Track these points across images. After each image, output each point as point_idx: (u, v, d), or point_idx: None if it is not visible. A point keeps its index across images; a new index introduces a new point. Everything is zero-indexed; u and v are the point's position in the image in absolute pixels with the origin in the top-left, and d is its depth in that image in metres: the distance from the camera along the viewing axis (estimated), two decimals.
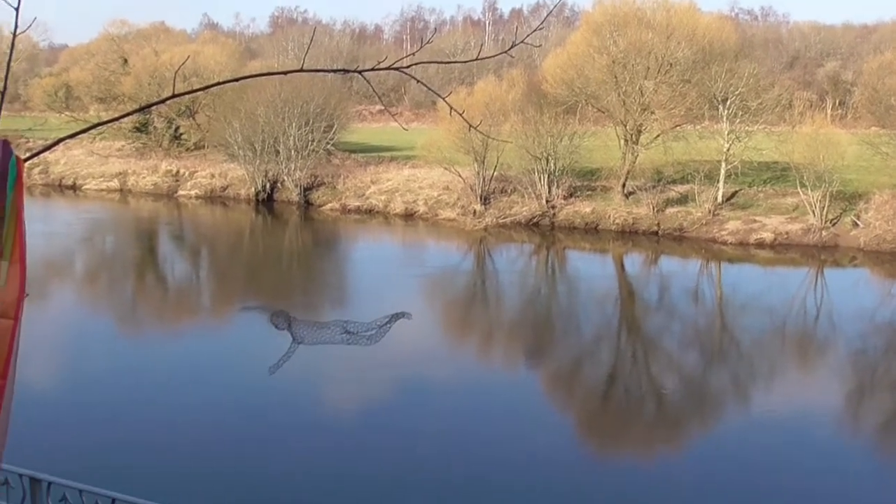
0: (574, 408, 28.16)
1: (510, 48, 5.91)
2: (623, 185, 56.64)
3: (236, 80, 7.01)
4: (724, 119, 55.58)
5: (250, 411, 24.98)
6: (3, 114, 5.37)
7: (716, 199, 53.80)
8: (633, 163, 56.98)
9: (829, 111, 70.50)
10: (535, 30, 7.65)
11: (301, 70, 5.98)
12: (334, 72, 7.70)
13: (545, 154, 56.77)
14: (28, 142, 74.66)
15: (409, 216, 60.41)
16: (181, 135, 79.83)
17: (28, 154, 5.20)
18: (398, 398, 26.85)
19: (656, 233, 53.40)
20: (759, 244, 50.12)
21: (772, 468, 21.76)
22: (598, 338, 35.42)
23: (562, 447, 23.42)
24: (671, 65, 57.17)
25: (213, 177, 70.45)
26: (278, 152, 65.13)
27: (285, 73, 6.18)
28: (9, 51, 5.50)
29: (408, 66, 5.30)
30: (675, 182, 56.22)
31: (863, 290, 44.00)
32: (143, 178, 73.58)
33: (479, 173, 57.86)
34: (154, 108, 74.77)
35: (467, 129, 48.64)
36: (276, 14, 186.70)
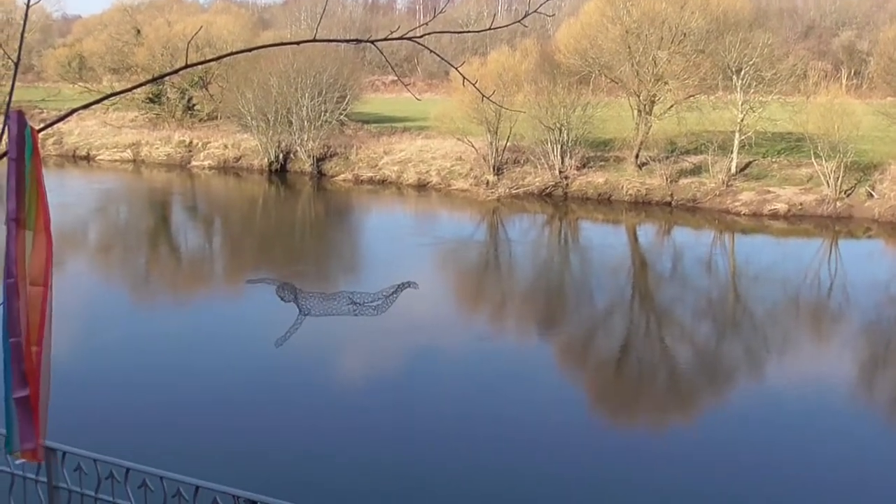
0: (586, 378, 28.19)
1: (523, 18, 5.91)
2: (636, 156, 56.52)
3: (249, 51, 7.04)
4: (738, 89, 55.35)
5: (258, 381, 25.07)
6: (17, 84, 5.40)
7: (729, 169, 53.65)
8: (647, 133, 56.83)
9: (844, 81, 70.35)
10: None
11: (314, 40, 5.99)
12: (347, 42, 7.70)
13: (558, 124, 56.64)
14: (42, 112, 74.68)
15: (421, 187, 60.38)
16: (194, 105, 79.80)
17: (42, 125, 5.24)
18: (410, 368, 26.92)
19: (669, 203, 53.31)
20: (773, 215, 50.02)
21: (785, 438, 21.80)
22: (610, 308, 35.43)
23: (574, 417, 23.46)
24: (685, 35, 56.92)
25: (226, 147, 70.45)
26: (291, 123, 65.10)
27: (298, 43, 6.18)
28: (22, 22, 5.50)
29: (421, 36, 5.31)
30: (688, 153, 56.06)
31: (877, 261, 43.95)
32: (157, 148, 73.60)
33: (491, 144, 57.77)
34: (167, 78, 74.64)
35: (480, 100, 48.57)
36: None
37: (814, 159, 50.59)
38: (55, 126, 54.05)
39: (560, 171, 56.72)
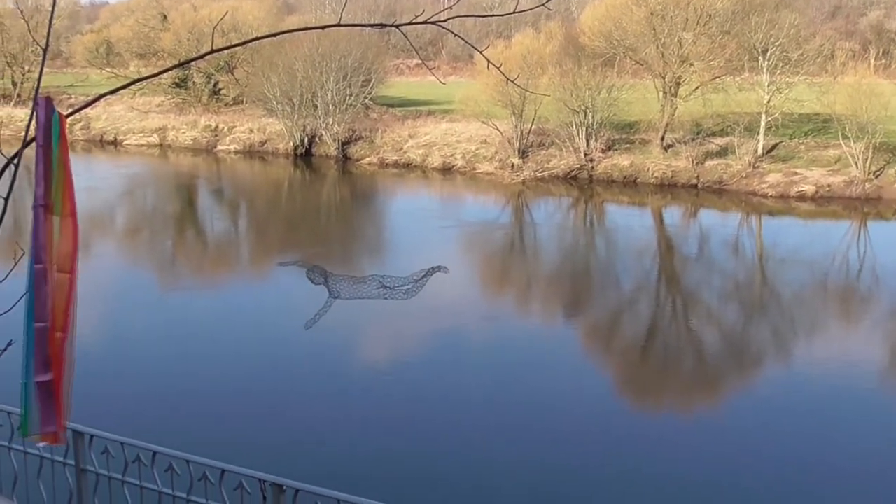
0: (612, 362, 28.17)
1: (548, 1, 5.91)
2: (662, 138, 56.35)
3: (274, 35, 7.10)
4: (765, 70, 55.09)
5: (286, 365, 25.19)
6: (45, 71, 5.47)
7: (756, 151, 53.42)
8: (672, 115, 56.65)
9: (872, 61, 69.88)
10: None
11: (339, 25, 6.00)
12: (372, 26, 7.73)
13: (583, 107, 56.51)
14: (70, 98, 75.10)
15: (446, 170, 60.40)
16: (220, 90, 79.98)
17: (70, 110, 5.29)
18: (435, 352, 26.97)
19: (695, 186, 53.15)
20: (801, 197, 49.82)
21: (812, 425, 21.77)
22: (636, 292, 35.39)
23: (599, 402, 23.45)
24: (710, 16, 56.63)
25: (251, 131, 70.61)
26: (316, 107, 65.17)
27: (323, 27, 6.21)
28: (51, 9, 5.56)
29: (445, 20, 5.32)
30: (714, 134, 55.85)
31: None
32: (183, 133, 73.84)
33: (516, 127, 57.71)
34: (193, 63, 74.81)
35: (505, 83, 48.47)
36: None
37: (841, 140, 50.33)
38: (83, 111, 54.30)
39: (585, 154, 56.63)
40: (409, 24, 5.34)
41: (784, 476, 19.00)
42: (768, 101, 54.34)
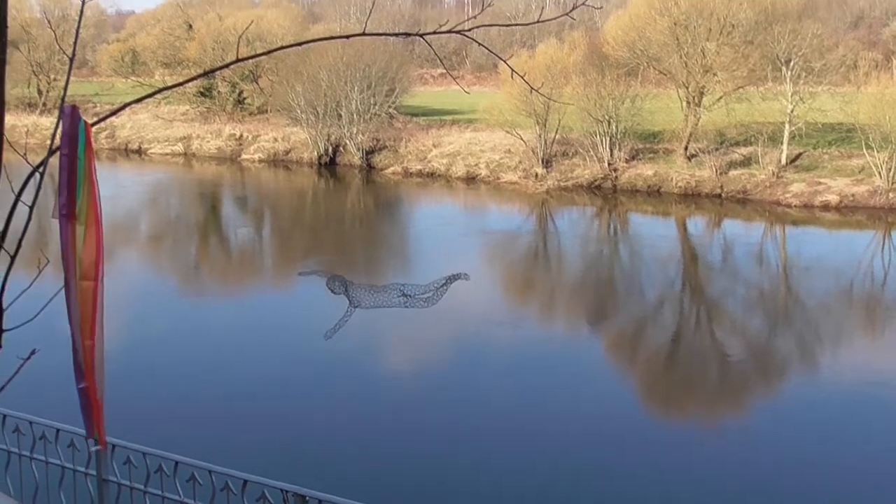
0: (636, 372, 28.11)
1: (571, 10, 5.90)
2: (685, 148, 56.26)
3: (299, 45, 7.13)
4: (788, 80, 54.95)
5: (308, 373, 25.26)
6: (71, 79, 5.53)
7: (780, 161, 53.26)
8: (696, 125, 56.55)
9: (895, 71, 69.45)
10: None
11: (363, 34, 6.03)
12: (396, 35, 7.70)
13: (607, 117, 56.47)
14: (95, 106, 75.59)
15: (470, 179, 60.42)
16: (244, 99, 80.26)
17: (95, 119, 5.34)
18: (457, 360, 26.99)
19: (719, 195, 53.01)
20: (825, 206, 49.63)
21: (839, 432, 21.68)
22: (660, 301, 35.31)
23: (623, 411, 23.40)
24: (733, 26, 56.56)
25: (275, 140, 70.80)
26: (340, 116, 65.30)
27: (347, 37, 6.23)
28: (78, 18, 5.63)
29: (469, 30, 5.33)
30: (737, 144, 55.72)
31: None
32: (207, 142, 74.12)
33: (540, 136, 57.70)
34: (218, 72, 75.09)
35: (529, 92, 48.47)
36: None
37: (865, 150, 50.14)
38: (108, 120, 54.50)
39: (609, 164, 56.58)
40: (434, 33, 5.35)
41: (809, 487, 18.94)
42: (792, 111, 54.19)
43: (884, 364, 27.14)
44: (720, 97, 56.68)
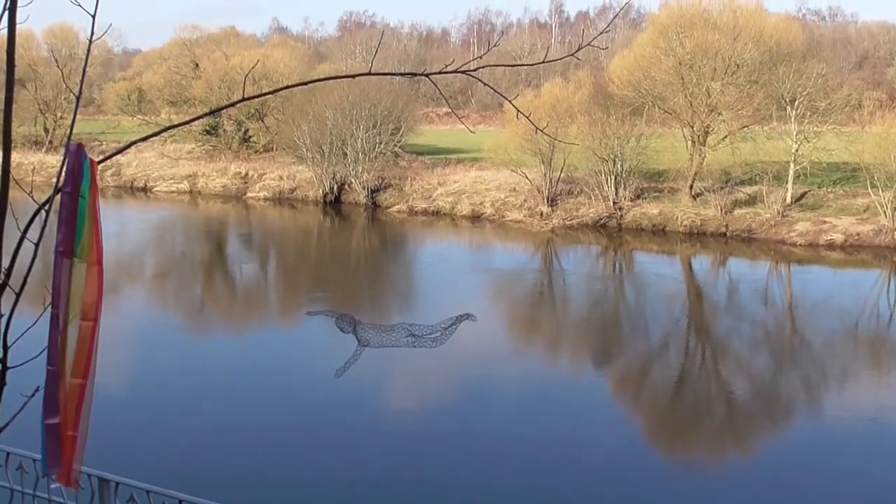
0: (641, 411, 28.04)
1: (577, 51, 5.92)
2: (690, 187, 56.35)
3: (305, 84, 7.15)
4: (793, 119, 55.11)
5: (315, 414, 25.20)
6: (78, 117, 5.56)
7: (784, 200, 53.35)
8: (701, 164, 56.66)
9: None
10: (602, 32, 7.73)
11: (369, 73, 6.06)
12: (402, 75, 7.80)
13: (612, 155, 56.60)
14: (101, 145, 75.63)
15: (475, 218, 60.49)
16: (250, 137, 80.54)
17: (101, 157, 5.36)
18: (464, 401, 26.91)
19: (724, 234, 53.04)
20: (830, 245, 49.61)
21: (844, 473, 21.58)
22: (665, 340, 35.26)
23: (630, 450, 23.35)
24: (738, 66, 56.79)
25: (281, 179, 70.96)
26: (346, 154, 65.47)
27: (353, 76, 6.28)
28: (84, 57, 5.67)
29: (475, 69, 5.36)
30: (743, 183, 55.82)
31: None
32: (213, 180, 74.29)
33: (545, 175, 57.80)
34: (224, 111, 75.41)
35: (534, 132, 48.59)
36: (344, 18, 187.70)
37: (870, 189, 50.19)
38: (114, 158, 54.66)
39: (614, 202, 56.66)
40: (439, 73, 5.38)
41: None
42: (796, 150, 54.32)
43: (890, 404, 27.05)
44: (725, 136, 56.82)
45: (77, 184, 5.08)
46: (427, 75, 5.39)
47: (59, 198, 4.76)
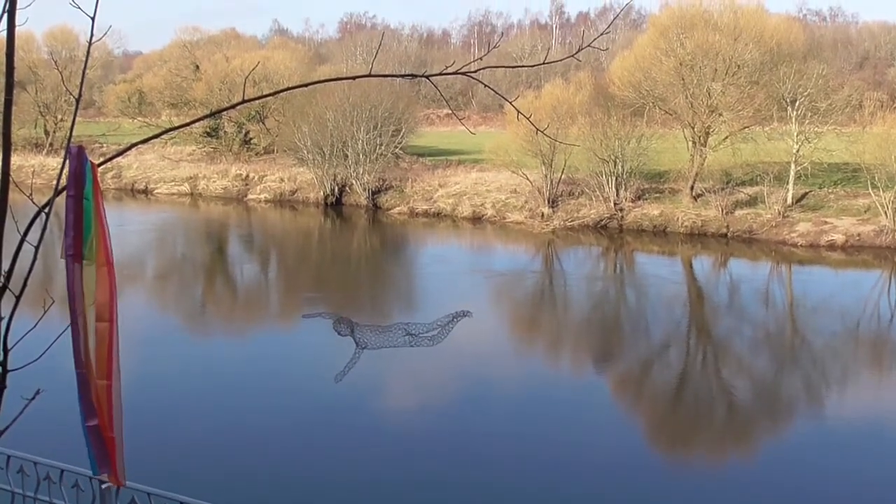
0: (642, 412, 28.02)
1: (577, 52, 5.92)
2: (691, 188, 56.33)
3: (305, 86, 7.14)
4: (793, 120, 55.09)
5: (313, 416, 25.15)
6: (78, 120, 5.55)
7: (785, 200, 53.34)
8: (702, 165, 56.66)
9: None
10: (602, 33, 7.73)
11: (369, 75, 6.07)
12: (402, 76, 7.77)
13: (613, 157, 56.60)
14: (102, 147, 75.70)
15: (476, 219, 60.46)
16: (251, 139, 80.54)
17: (102, 159, 5.36)
18: (463, 402, 26.88)
19: (725, 235, 53.02)
20: (830, 246, 49.59)
21: (845, 474, 21.55)
22: (666, 341, 35.22)
23: (630, 451, 23.33)
24: (739, 66, 56.78)
25: (282, 181, 70.95)
26: (347, 156, 65.45)
27: (354, 78, 6.28)
28: (84, 59, 5.67)
29: (475, 71, 5.35)
30: (743, 184, 55.80)
31: None
32: (214, 182, 74.26)
33: (546, 176, 57.79)
34: (224, 113, 75.45)
35: (535, 133, 48.60)
36: (344, 19, 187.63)
37: (871, 190, 50.20)
38: (115, 160, 54.65)
39: (615, 203, 56.64)
40: (440, 74, 5.38)
41: None
42: (797, 151, 54.31)
43: (891, 404, 27.03)
44: (726, 137, 56.81)
45: (80, 186, 5.07)
46: (427, 77, 5.39)
47: (60, 200, 4.74)
